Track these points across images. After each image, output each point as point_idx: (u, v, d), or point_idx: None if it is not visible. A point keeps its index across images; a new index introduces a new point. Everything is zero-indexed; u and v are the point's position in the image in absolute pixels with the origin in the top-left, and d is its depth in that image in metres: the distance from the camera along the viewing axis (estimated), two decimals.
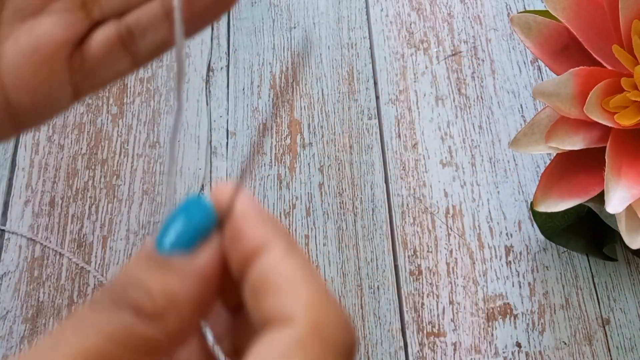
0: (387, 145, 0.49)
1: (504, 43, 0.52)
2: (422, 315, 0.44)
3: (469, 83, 0.51)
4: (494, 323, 0.43)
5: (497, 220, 0.46)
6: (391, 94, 0.51)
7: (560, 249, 0.45)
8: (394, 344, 0.43)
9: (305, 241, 0.46)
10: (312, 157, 0.49)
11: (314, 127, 0.50)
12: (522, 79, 0.51)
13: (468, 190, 0.47)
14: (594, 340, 0.43)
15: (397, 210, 0.47)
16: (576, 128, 0.34)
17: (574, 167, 0.35)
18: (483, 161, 0.48)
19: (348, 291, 0.45)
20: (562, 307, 0.44)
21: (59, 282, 0.45)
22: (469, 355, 0.43)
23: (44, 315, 0.44)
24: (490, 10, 0.54)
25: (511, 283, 0.44)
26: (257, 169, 0.49)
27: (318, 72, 0.52)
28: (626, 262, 0.45)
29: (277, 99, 0.27)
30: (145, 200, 0.47)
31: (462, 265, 0.45)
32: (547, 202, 0.35)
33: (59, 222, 0.47)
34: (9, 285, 0.45)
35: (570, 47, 0.35)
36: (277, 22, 0.54)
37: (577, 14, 0.35)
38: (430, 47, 0.52)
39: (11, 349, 0.43)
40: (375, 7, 0.54)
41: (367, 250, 0.46)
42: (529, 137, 0.35)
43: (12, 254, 0.46)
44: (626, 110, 0.33)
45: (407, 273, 0.45)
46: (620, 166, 0.32)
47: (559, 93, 0.33)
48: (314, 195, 0.47)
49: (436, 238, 0.46)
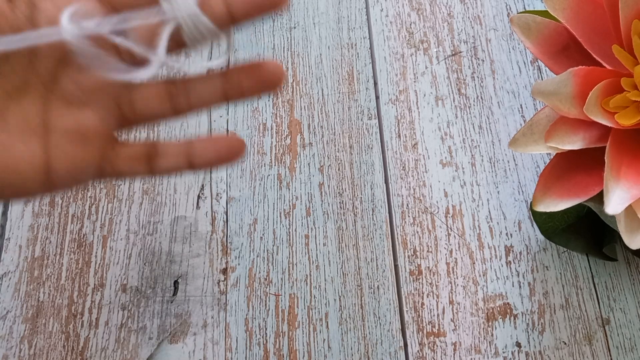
0: (387, 145, 0.49)
1: (504, 43, 0.52)
2: (422, 315, 0.44)
3: (469, 83, 0.51)
4: (494, 323, 0.43)
5: (497, 220, 0.46)
6: (391, 94, 0.51)
7: (560, 249, 0.45)
8: (394, 344, 0.43)
9: (305, 241, 0.46)
10: (312, 157, 0.49)
11: (314, 127, 0.50)
12: (522, 79, 0.51)
13: (468, 190, 0.47)
14: (594, 340, 0.43)
15: (397, 210, 0.47)
16: (575, 128, 0.34)
17: (573, 167, 0.35)
18: (483, 161, 0.48)
19: (348, 291, 0.45)
20: (562, 307, 0.44)
21: (59, 282, 0.45)
22: (469, 355, 0.43)
23: (44, 315, 0.44)
24: (490, 10, 0.54)
25: (511, 283, 0.44)
26: (257, 169, 0.49)
27: (318, 72, 0.52)
28: (626, 262, 0.45)
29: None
30: (145, 200, 0.47)
31: (462, 265, 0.45)
32: (547, 202, 0.35)
33: (59, 222, 0.47)
34: (9, 285, 0.45)
35: (570, 47, 0.35)
36: (277, 22, 0.54)
37: (576, 14, 0.35)
38: (430, 47, 0.52)
39: (11, 349, 0.43)
40: (375, 7, 0.54)
41: (367, 250, 0.46)
42: (528, 137, 0.35)
43: (12, 254, 0.46)
44: (626, 110, 0.33)
45: (407, 273, 0.45)
46: (620, 166, 0.32)
47: (558, 92, 0.33)
48: (314, 195, 0.47)
49: (436, 238, 0.46)
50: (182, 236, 0.46)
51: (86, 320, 0.44)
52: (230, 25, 0.28)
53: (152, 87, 0.30)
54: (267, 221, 0.47)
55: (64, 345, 0.43)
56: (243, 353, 0.43)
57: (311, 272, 0.45)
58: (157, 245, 0.46)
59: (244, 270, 0.45)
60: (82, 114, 0.28)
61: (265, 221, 0.47)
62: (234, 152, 0.30)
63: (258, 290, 0.45)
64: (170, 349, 0.43)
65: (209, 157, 0.30)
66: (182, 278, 0.45)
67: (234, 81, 0.30)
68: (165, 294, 0.45)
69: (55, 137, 0.28)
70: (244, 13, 0.28)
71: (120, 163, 0.29)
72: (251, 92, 0.30)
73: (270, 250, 0.46)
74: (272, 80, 0.29)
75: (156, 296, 0.45)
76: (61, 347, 0.43)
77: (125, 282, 0.45)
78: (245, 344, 0.43)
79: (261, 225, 0.47)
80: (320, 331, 0.44)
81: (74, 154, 0.28)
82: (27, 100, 0.28)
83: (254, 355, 0.43)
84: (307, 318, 0.44)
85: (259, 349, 0.43)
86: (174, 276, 0.45)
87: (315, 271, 0.45)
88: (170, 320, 0.44)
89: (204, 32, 0.27)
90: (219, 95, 0.30)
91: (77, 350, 0.43)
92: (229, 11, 0.27)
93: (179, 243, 0.46)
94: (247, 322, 0.44)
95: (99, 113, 0.29)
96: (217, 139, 0.30)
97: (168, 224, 0.47)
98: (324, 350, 0.43)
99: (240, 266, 0.45)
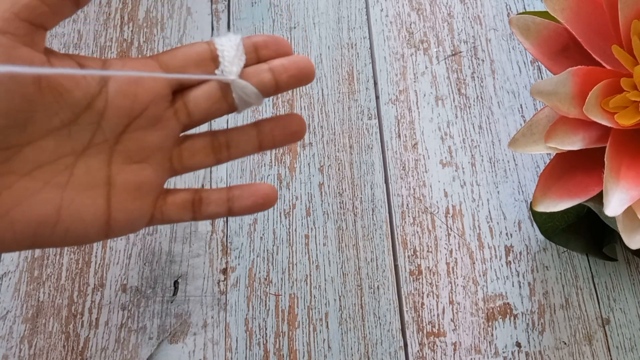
0: (387, 145, 0.49)
1: (503, 43, 0.52)
2: (422, 315, 0.44)
3: (469, 83, 0.51)
4: (494, 323, 0.43)
5: (497, 220, 0.46)
6: (391, 94, 0.51)
7: (560, 249, 0.45)
8: (394, 344, 0.43)
9: (305, 241, 0.46)
10: (312, 157, 0.49)
11: (314, 127, 0.50)
12: (522, 79, 0.51)
13: (468, 190, 0.47)
14: (593, 340, 0.43)
15: (397, 210, 0.47)
16: (575, 128, 0.34)
17: (573, 167, 0.35)
18: (483, 161, 0.48)
19: (348, 291, 0.45)
20: (562, 307, 0.44)
21: (59, 282, 0.45)
22: (469, 355, 0.43)
23: (44, 315, 0.44)
24: (490, 10, 0.54)
25: (511, 283, 0.44)
26: (257, 169, 0.49)
27: (318, 72, 0.52)
28: (626, 262, 0.45)
29: None
30: None
31: (462, 265, 0.45)
32: (547, 202, 0.35)
33: None
34: (9, 285, 0.45)
35: (570, 48, 0.35)
36: (277, 22, 0.54)
37: (576, 14, 0.35)
38: (430, 47, 0.52)
39: (11, 349, 0.43)
40: (375, 7, 0.54)
41: (367, 250, 0.46)
42: (527, 137, 0.35)
43: (12, 254, 0.46)
44: (626, 110, 0.33)
45: (407, 273, 0.45)
46: (620, 167, 0.32)
47: (557, 92, 0.33)
48: (314, 195, 0.47)
49: (436, 238, 0.46)
50: (182, 236, 0.46)
51: (86, 320, 0.44)
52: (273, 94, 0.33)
53: (198, 142, 0.33)
54: (267, 221, 0.47)
55: (64, 345, 0.43)
56: (243, 353, 0.43)
57: (311, 272, 0.45)
58: (157, 245, 0.46)
59: (244, 270, 0.45)
60: (141, 169, 0.32)
61: (265, 221, 0.47)
62: (268, 201, 0.34)
63: (258, 290, 0.45)
64: (170, 349, 0.43)
65: (247, 205, 0.33)
66: (182, 278, 0.45)
67: (266, 132, 0.33)
68: (165, 294, 0.45)
69: (116, 191, 0.31)
70: (286, 85, 0.32)
71: (169, 211, 0.33)
72: (280, 141, 0.34)
73: (270, 250, 0.46)
74: (298, 131, 0.34)
75: (156, 296, 0.45)
76: (61, 347, 0.43)
77: (125, 282, 0.45)
78: (245, 344, 0.43)
79: (261, 225, 0.47)
80: (320, 331, 0.44)
81: (132, 206, 0.31)
82: (92, 158, 0.31)
83: (254, 355, 0.43)
84: (307, 318, 0.44)
85: (259, 349, 0.43)
86: (174, 276, 0.45)
87: (315, 271, 0.45)
88: (170, 320, 0.44)
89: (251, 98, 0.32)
90: (255, 145, 0.34)
91: (77, 350, 0.43)
92: (276, 83, 0.32)
93: (179, 243, 0.46)
94: (247, 322, 0.44)
95: (154, 168, 0.32)
96: (254, 188, 0.34)
97: (168, 224, 0.47)
98: (324, 350, 0.43)
99: (240, 266, 0.46)
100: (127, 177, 0.31)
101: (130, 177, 0.31)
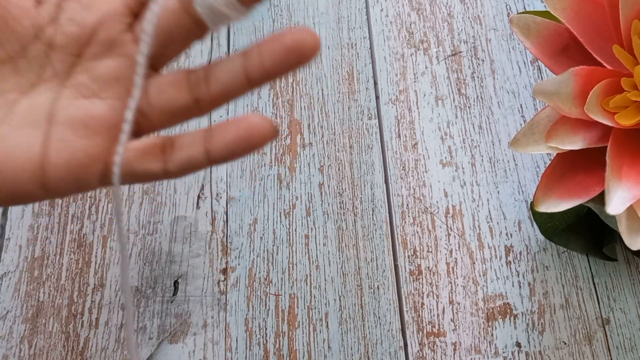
0: (387, 145, 0.49)
1: (503, 43, 0.52)
2: (422, 315, 0.44)
3: (469, 83, 0.51)
4: (494, 323, 0.43)
5: (497, 220, 0.46)
6: (391, 94, 0.51)
7: (560, 249, 0.45)
8: (394, 344, 0.43)
9: (305, 241, 0.46)
10: (312, 157, 0.49)
11: (314, 127, 0.50)
12: (522, 79, 0.51)
13: (468, 190, 0.47)
14: (594, 340, 0.43)
15: (397, 210, 0.47)
16: (576, 128, 0.34)
17: (574, 167, 0.35)
18: (483, 161, 0.48)
19: (348, 291, 0.45)
20: (562, 307, 0.44)
21: (59, 282, 0.45)
22: (469, 355, 0.43)
23: (44, 315, 0.44)
24: (490, 10, 0.54)
25: (511, 283, 0.44)
26: (257, 169, 0.49)
27: (318, 72, 0.52)
28: (626, 262, 0.45)
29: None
30: (145, 200, 0.47)
31: (462, 265, 0.45)
32: (548, 202, 0.35)
33: (59, 222, 0.47)
34: (9, 285, 0.45)
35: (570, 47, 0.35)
36: (277, 22, 0.54)
37: (577, 14, 0.35)
38: (430, 47, 0.52)
39: (11, 349, 0.43)
40: (375, 7, 0.54)
41: (367, 250, 0.46)
42: (528, 137, 0.35)
43: (12, 254, 0.46)
44: (626, 110, 0.33)
45: (407, 273, 0.45)
46: (621, 166, 0.32)
47: (559, 92, 0.33)
48: (314, 195, 0.47)
49: (436, 238, 0.46)
50: (182, 236, 0.46)
51: (86, 320, 0.44)
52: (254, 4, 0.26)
53: (169, 76, 0.28)
54: (267, 221, 0.47)
55: (64, 345, 0.43)
56: (243, 353, 0.43)
57: (311, 272, 0.45)
58: (157, 245, 0.46)
59: (244, 270, 0.45)
60: (91, 104, 0.27)
61: (265, 221, 0.47)
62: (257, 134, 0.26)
63: (258, 290, 0.45)
64: (170, 349, 0.43)
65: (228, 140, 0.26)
66: (182, 278, 0.45)
67: (254, 58, 0.26)
68: (165, 294, 0.45)
69: (58, 128, 0.26)
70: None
71: (131, 157, 0.27)
72: (278, 68, 0.26)
73: (270, 250, 0.46)
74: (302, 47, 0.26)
75: (156, 296, 0.45)
76: (61, 347, 0.43)
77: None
78: (245, 344, 0.43)
79: (261, 225, 0.47)
80: (320, 331, 0.44)
81: (75, 144, 0.26)
82: (40, 94, 0.27)
83: (254, 355, 0.43)
84: (307, 318, 0.44)
85: (259, 349, 0.43)
86: (174, 276, 0.45)
87: (315, 271, 0.45)
88: (170, 320, 0.44)
89: (219, 3, 0.25)
90: (240, 77, 0.26)
91: (77, 350, 0.43)
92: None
93: (179, 243, 0.46)
94: (247, 322, 0.44)
95: (108, 104, 0.27)
96: (238, 120, 0.26)
97: (168, 224, 0.47)
98: (324, 350, 0.43)
99: (240, 266, 0.45)
100: (72, 113, 0.27)
101: (75, 112, 0.27)
